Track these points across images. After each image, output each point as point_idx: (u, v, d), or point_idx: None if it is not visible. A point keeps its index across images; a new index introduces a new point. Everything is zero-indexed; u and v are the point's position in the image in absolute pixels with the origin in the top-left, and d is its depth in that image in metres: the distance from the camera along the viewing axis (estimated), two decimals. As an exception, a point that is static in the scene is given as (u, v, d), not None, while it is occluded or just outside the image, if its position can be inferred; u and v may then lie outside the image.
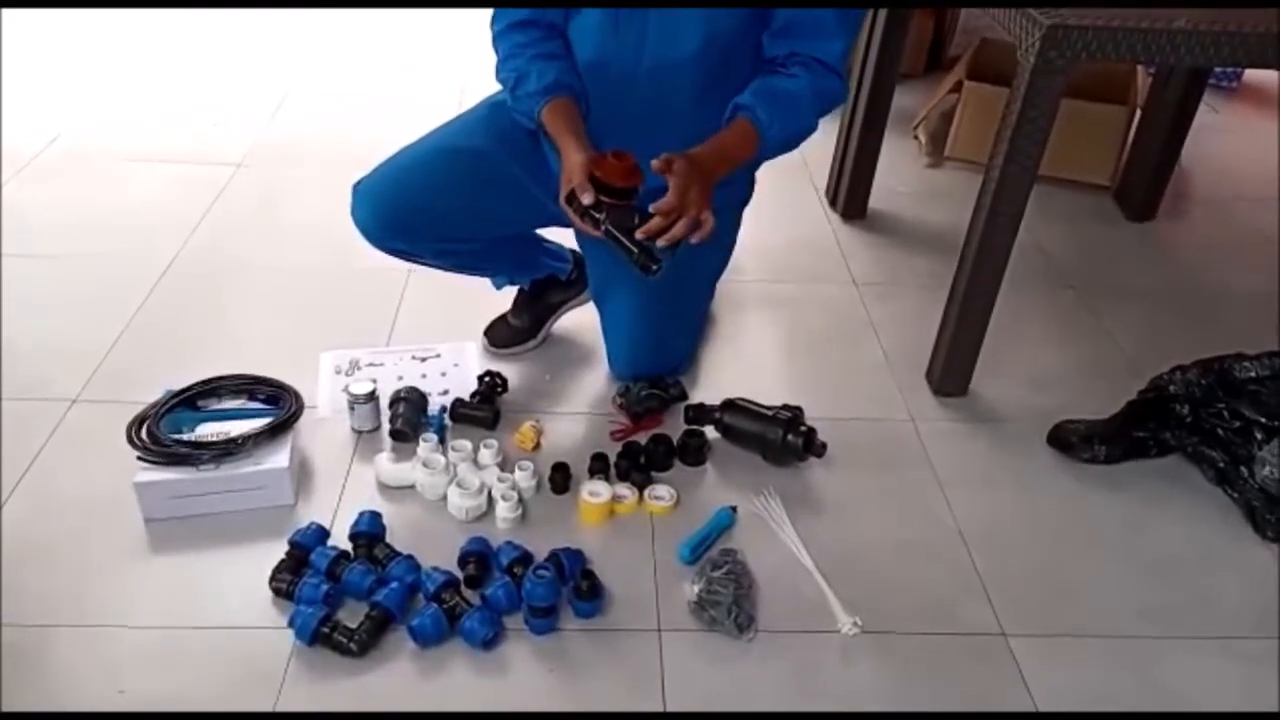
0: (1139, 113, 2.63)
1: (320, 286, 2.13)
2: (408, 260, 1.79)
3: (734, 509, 1.59)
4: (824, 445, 1.67)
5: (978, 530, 1.60)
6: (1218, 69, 3.18)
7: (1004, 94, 2.73)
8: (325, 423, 1.75)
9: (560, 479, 1.62)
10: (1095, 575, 1.54)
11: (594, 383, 1.91)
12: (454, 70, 3.11)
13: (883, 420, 1.84)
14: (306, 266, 2.19)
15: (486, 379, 1.81)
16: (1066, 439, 1.76)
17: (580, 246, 1.90)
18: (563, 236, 1.96)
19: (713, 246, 1.77)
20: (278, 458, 1.56)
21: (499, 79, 1.63)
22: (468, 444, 1.66)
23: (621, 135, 1.50)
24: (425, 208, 1.65)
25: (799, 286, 2.25)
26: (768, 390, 1.83)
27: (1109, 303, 2.22)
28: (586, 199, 1.45)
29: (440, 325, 2.01)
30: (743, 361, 1.98)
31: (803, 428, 1.67)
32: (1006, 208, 1.67)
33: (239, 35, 3.49)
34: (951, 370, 1.87)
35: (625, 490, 1.61)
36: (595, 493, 1.58)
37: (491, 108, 1.70)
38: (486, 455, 1.65)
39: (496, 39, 1.63)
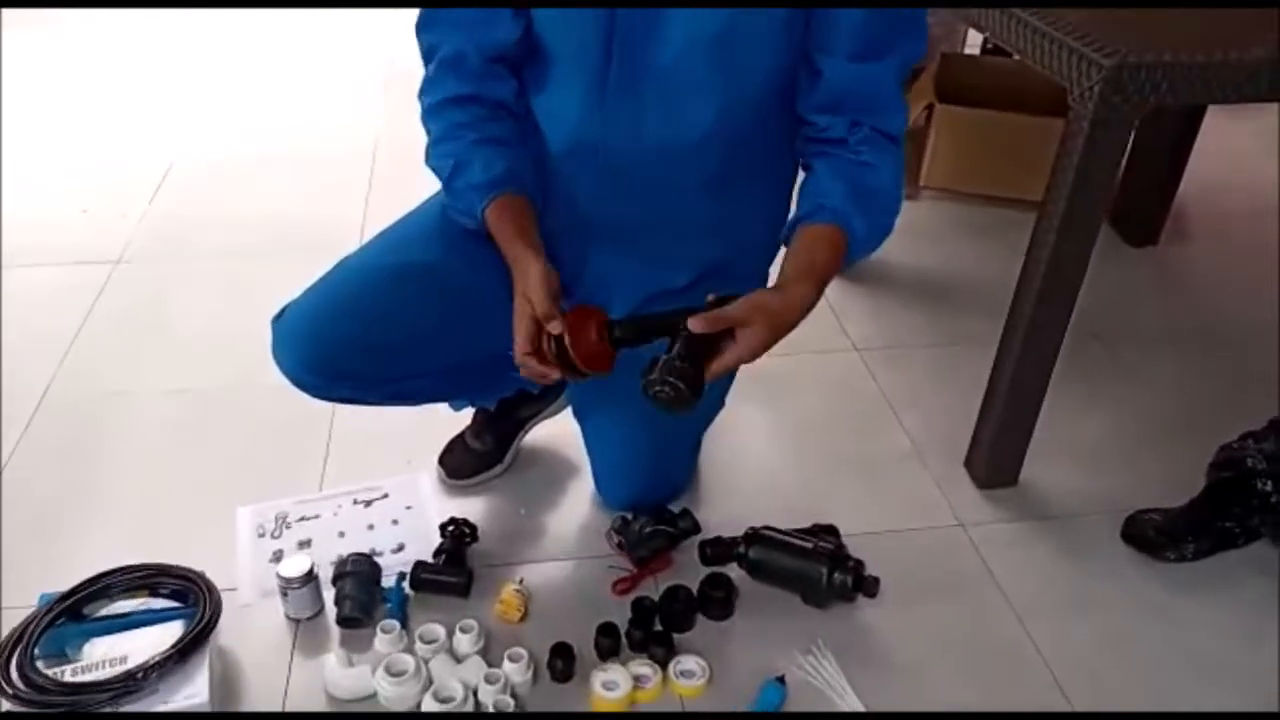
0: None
1: (227, 415, 1.75)
2: (352, 404, 1.42)
3: (782, 679, 1.29)
4: (876, 581, 1.38)
5: (1072, 671, 1.33)
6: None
7: (981, 116, 2.58)
8: (251, 611, 1.38)
9: (563, 665, 1.29)
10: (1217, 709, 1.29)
11: (581, 512, 1.58)
12: (364, 122, 2.74)
13: (928, 530, 1.56)
14: (208, 389, 1.81)
15: (451, 529, 1.47)
16: (1144, 534, 1.51)
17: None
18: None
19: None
20: (193, 688, 1.20)
21: (430, 165, 1.28)
22: (440, 630, 1.31)
23: (617, 230, 1.18)
24: (370, 345, 1.29)
25: (794, 359, 1.94)
26: (786, 502, 1.56)
27: (1139, 351, 1.99)
28: (555, 328, 1.14)
29: (384, 454, 1.65)
30: (750, 467, 1.68)
31: (850, 562, 1.38)
32: (1064, 281, 1.41)
33: (109, 96, 3.04)
34: (999, 459, 1.60)
35: (645, 669, 1.29)
36: (611, 684, 1.25)
37: (444, 205, 1.36)
38: (465, 642, 1.31)
39: (428, 115, 1.28)
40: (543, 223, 1.26)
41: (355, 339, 1.28)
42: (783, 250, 1.23)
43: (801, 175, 1.30)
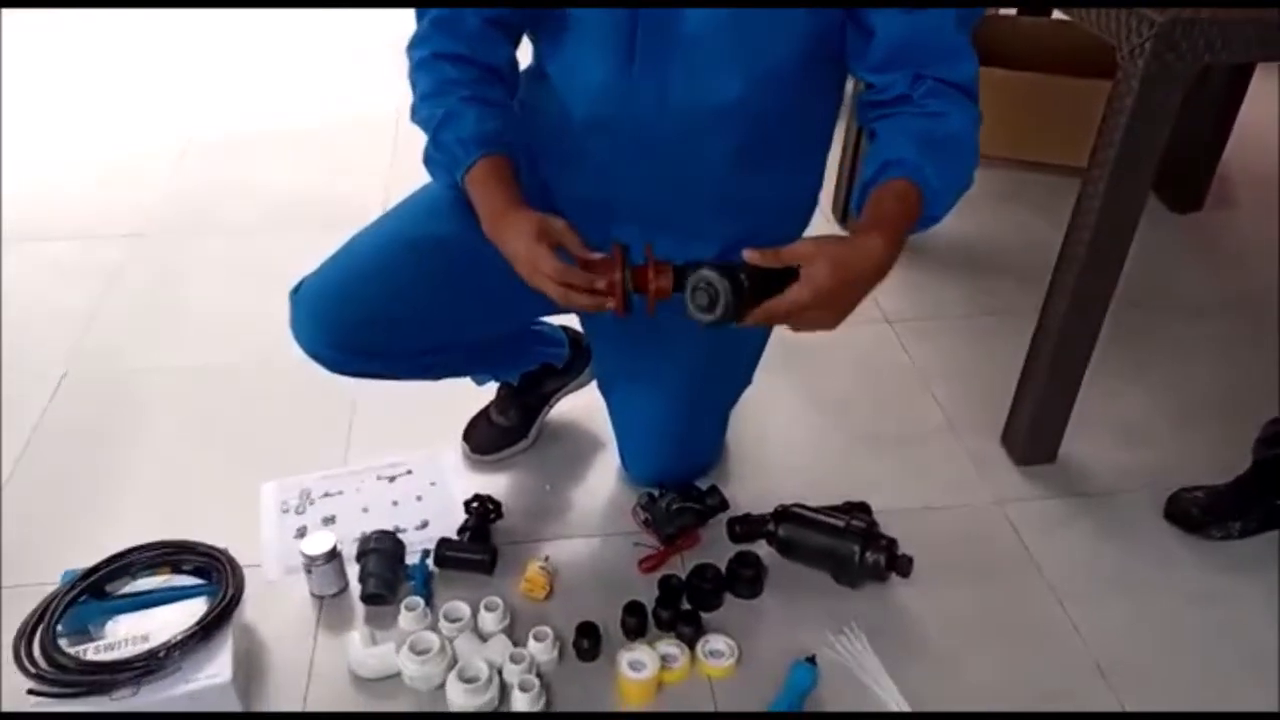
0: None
1: (250, 391, 1.73)
2: (371, 379, 1.39)
3: (812, 660, 1.26)
4: (910, 560, 1.34)
5: (1115, 657, 1.29)
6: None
7: (1020, 79, 2.50)
8: (275, 589, 1.37)
9: (589, 645, 1.26)
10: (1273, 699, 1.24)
11: (607, 488, 1.55)
12: (384, 94, 2.69)
13: (964, 507, 1.51)
14: (229, 366, 1.79)
15: (476, 505, 1.45)
16: (1188, 512, 1.46)
17: (584, 329, 1.52)
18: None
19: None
20: (216, 667, 1.18)
21: (416, 119, 1.21)
22: (464, 608, 1.29)
23: (640, 201, 1.14)
24: (390, 318, 1.25)
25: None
26: (817, 479, 1.53)
27: (1181, 320, 1.92)
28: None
29: (408, 429, 1.62)
30: (779, 443, 1.64)
31: (883, 541, 1.34)
32: (1110, 249, 1.35)
33: (126, 70, 3.01)
34: (1039, 435, 1.55)
35: (673, 648, 1.26)
36: (638, 664, 1.23)
37: (424, 158, 1.28)
38: (490, 620, 1.29)
39: (417, 69, 1.21)
40: (563, 194, 1.21)
41: (372, 313, 1.24)
42: (815, 225, 1.17)
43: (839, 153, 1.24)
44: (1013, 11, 2.81)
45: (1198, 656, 1.29)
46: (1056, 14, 2.55)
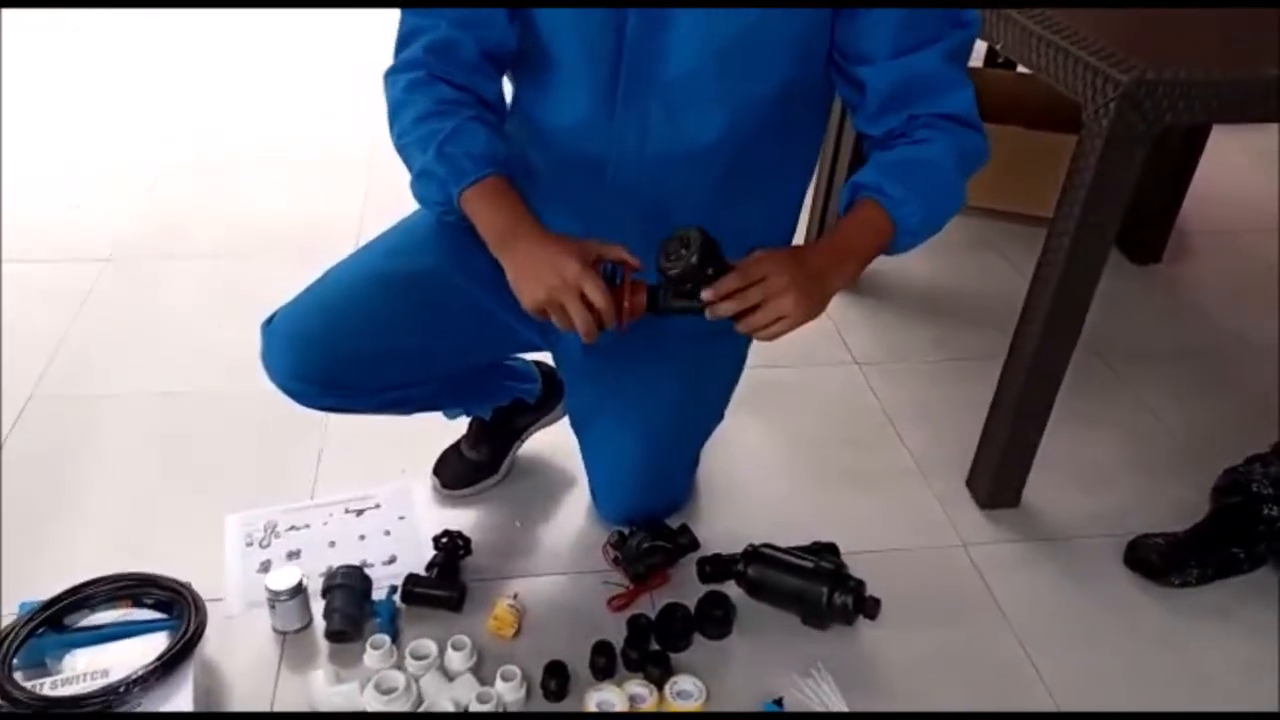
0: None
1: (217, 419, 1.71)
2: (342, 413, 1.38)
3: (779, 702, 1.26)
4: (877, 603, 1.35)
5: (1073, 695, 1.31)
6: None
7: (987, 130, 2.56)
8: (238, 623, 1.35)
9: (556, 685, 1.26)
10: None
11: (577, 525, 1.55)
12: (362, 122, 2.70)
13: (930, 549, 1.53)
14: (198, 392, 1.77)
15: (445, 541, 1.44)
16: (1147, 559, 1.49)
17: (557, 364, 1.53)
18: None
19: (732, 351, 1.45)
20: (177, 701, 1.16)
21: (409, 138, 1.15)
22: (431, 646, 1.28)
23: (618, 241, 1.15)
24: (361, 354, 1.25)
25: (794, 371, 1.93)
26: (786, 519, 1.54)
27: (1140, 369, 1.97)
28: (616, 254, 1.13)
29: (377, 461, 1.61)
30: (749, 482, 1.64)
31: (851, 582, 1.35)
32: (1073, 301, 1.39)
33: (102, 92, 3.00)
34: (1003, 480, 1.57)
35: (641, 689, 1.26)
36: (606, 704, 1.23)
37: (419, 173, 1.24)
38: (457, 659, 1.27)
39: (410, 89, 1.15)
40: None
41: (346, 348, 1.24)
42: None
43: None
44: (978, 64, 2.89)
45: (1157, 701, 1.31)
46: (1021, 68, 2.63)
